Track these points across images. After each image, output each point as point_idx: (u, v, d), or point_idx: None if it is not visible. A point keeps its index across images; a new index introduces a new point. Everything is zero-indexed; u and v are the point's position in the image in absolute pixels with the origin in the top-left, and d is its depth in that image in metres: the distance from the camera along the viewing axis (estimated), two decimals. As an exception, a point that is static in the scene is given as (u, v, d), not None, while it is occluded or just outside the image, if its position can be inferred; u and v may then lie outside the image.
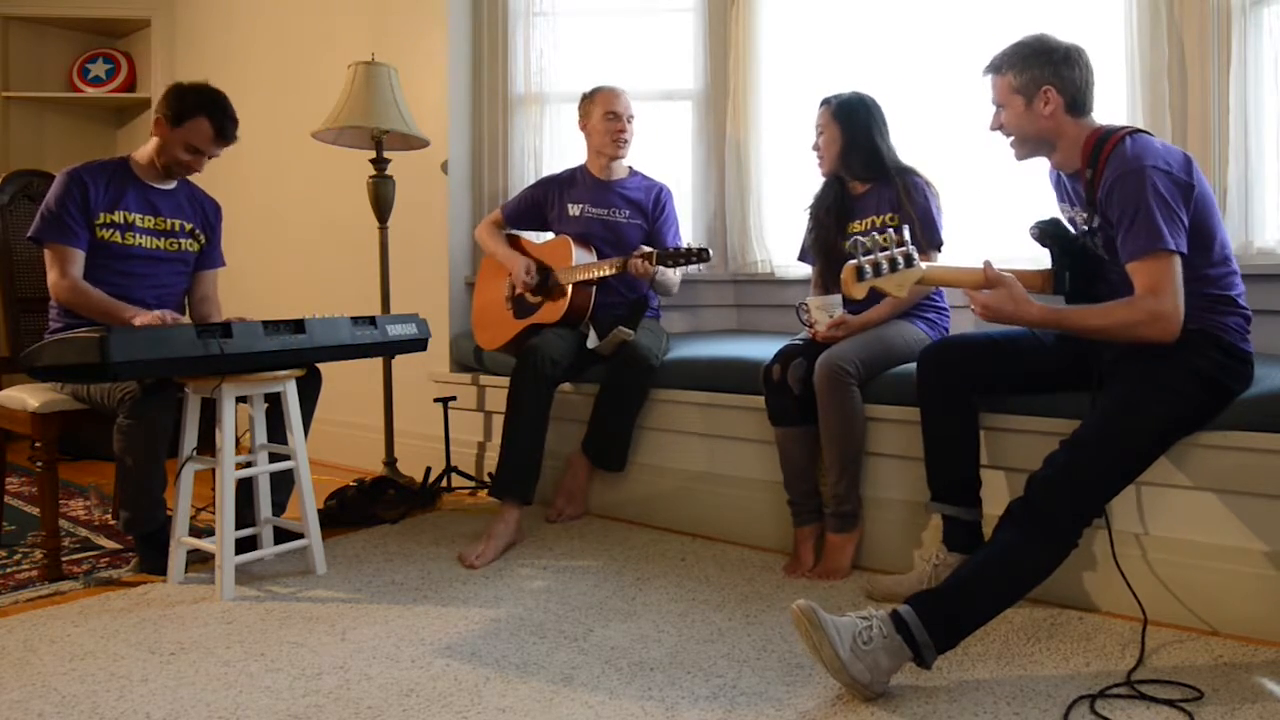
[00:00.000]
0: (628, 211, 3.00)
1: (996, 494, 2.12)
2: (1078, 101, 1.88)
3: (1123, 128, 1.86)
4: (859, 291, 1.80)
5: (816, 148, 2.55)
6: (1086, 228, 1.93)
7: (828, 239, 2.54)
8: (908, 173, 2.47)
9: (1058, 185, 2.07)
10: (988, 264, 1.81)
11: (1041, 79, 1.87)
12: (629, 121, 2.98)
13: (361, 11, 3.69)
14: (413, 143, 3.23)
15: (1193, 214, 1.77)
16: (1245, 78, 2.38)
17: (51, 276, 2.38)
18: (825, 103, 2.54)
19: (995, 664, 1.75)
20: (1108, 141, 1.83)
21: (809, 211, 2.63)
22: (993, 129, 1.99)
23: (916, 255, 1.81)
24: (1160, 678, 1.66)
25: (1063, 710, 1.56)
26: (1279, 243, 2.39)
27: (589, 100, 3.00)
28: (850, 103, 2.50)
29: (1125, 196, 1.75)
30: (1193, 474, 1.92)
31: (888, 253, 1.79)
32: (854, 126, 2.48)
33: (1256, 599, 1.84)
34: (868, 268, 1.77)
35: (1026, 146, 1.96)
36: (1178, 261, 1.73)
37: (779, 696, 1.64)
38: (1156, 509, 1.97)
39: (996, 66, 1.94)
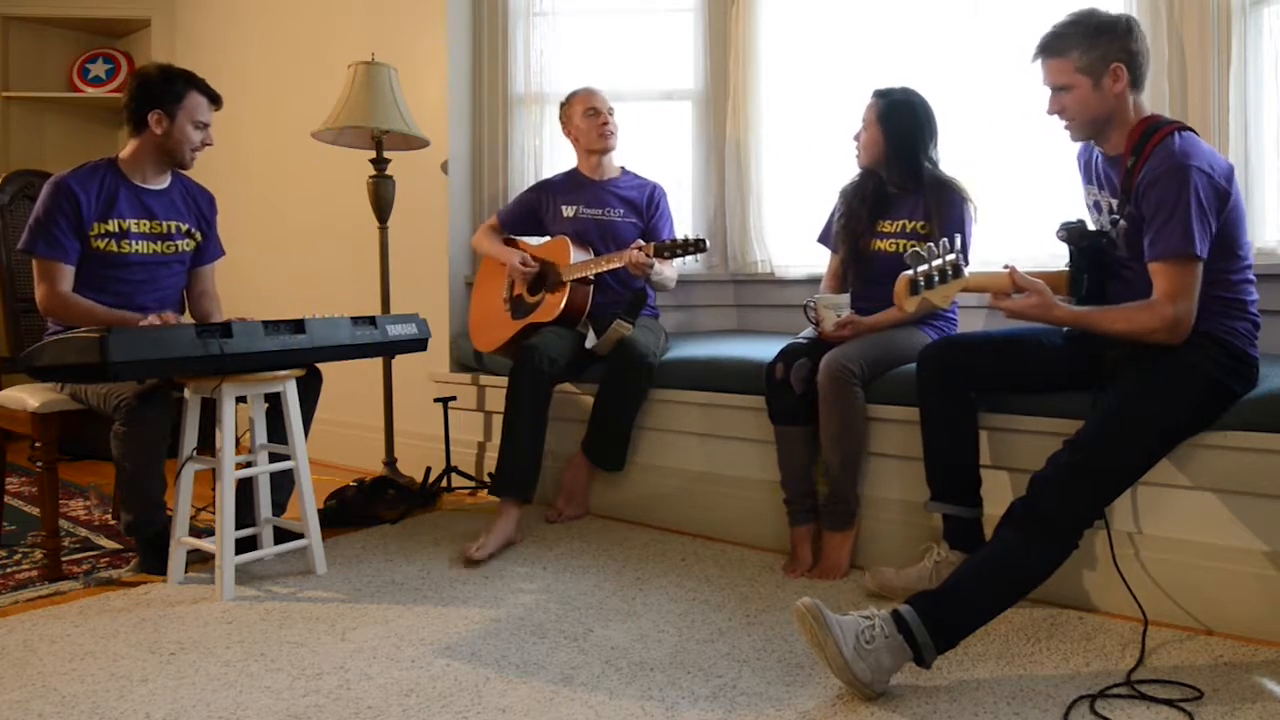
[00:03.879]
0: (622, 210, 3.01)
1: (998, 494, 2.12)
2: (1139, 77, 1.84)
3: (1173, 122, 1.83)
4: (911, 305, 1.76)
5: (857, 138, 2.51)
6: (1112, 215, 1.91)
7: (856, 229, 2.50)
8: (945, 188, 2.42)
9: (1086, 166, 2.04)
10: (1013, 269, 1.81)
11: (1111, 55, 1.81)
12: (610, 115, 2.99)
13: (361, 11, 3.69)
14: (413, 143, 3.23)
15: (1223, 222, 1.77)
16: (1245, 78, 2.39)
17: (40, 291, 2.35)
18: (878, 96, 2.46)
19: (995, 664, 1.75)
20: (1156, 133, 1.80)
21: (841, 195, 2.59)
22: (1052, 113, 1.91)
23: (963, 263, 1.78)
24: (1160, 678, 1.66)
25: (1063, 710, 1.56)
26: (1279, 243, 2.40)
27: (566, 105, 3.04)
28: (900, 108, 2.42)
29: (1164, 193, 1.73)
30: (1193, 474, 1.92)
31: (939, 262, 1.76)
32: (899, 135, 2.42)
33: (1256, 599, 1.84)
34: (921, 280, 1.75)
35: (1089, 128, 1.89)
36: (1200, 268, 1.73)
37: (779, 696, 1.64)
38: (1156, 509, 1.97)
39: (1055, 47, 1.86)
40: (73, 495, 3.24)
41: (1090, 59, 1.83)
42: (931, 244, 1.78)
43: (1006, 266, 1.83)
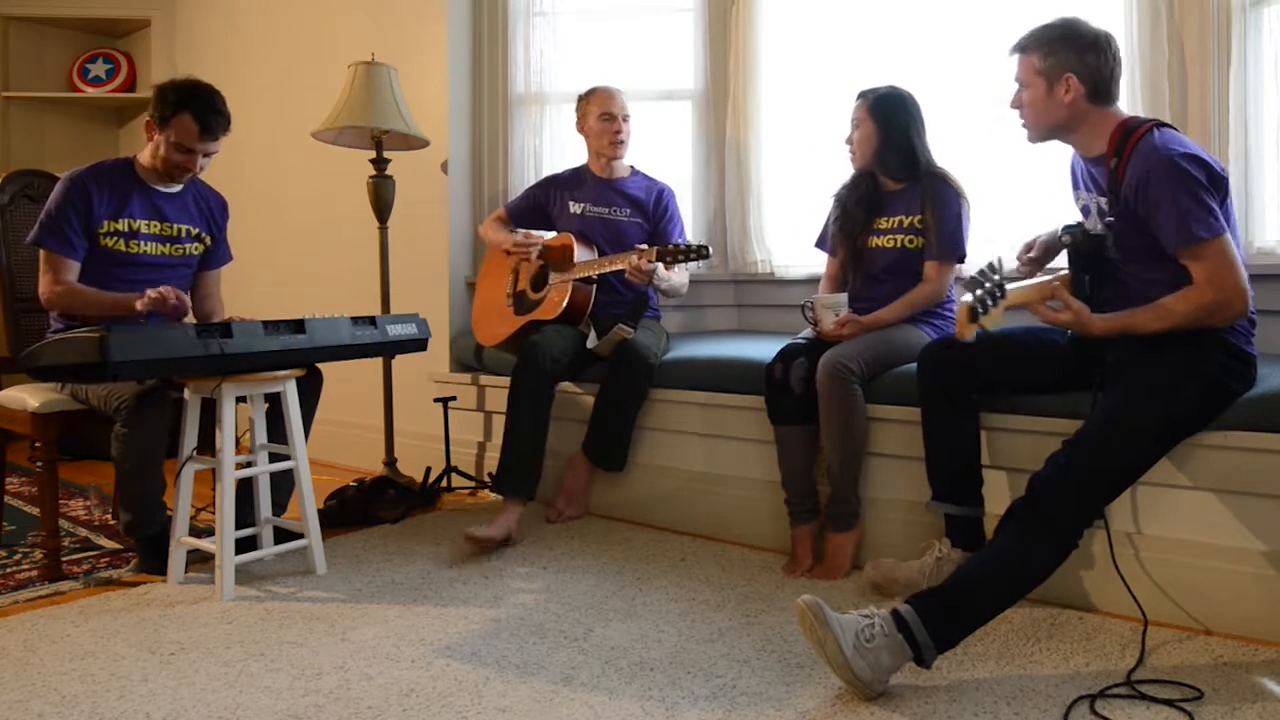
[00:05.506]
0: (629, 210, 3.00)
1: (998, 493, 2.13)
2: (1100, 90, 1.87)
3: (1150, 120, 1.85)
4: (970, 332, 1.78)
5: (849, 141, 2.51)
6: (1106, 218, 1.91)
7: (853, 230, 2.51)
8: (939, 179, 2.43)
9: (1073, 173, 2.06)
10: (1058, 287, 1.83)
11: (1065, 65, 1.85)
12: (625, 121, 2.98)
13: (361, 11, 3.69)
14: (413, 143, 3.23)
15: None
16: (1245, 78, 2.39)
17: (44, 282, 2.36)
18: (862, 96, 2.47)
19: (995, 664, 1.75)
20: (1135, 132, 1.82)
21: (835, 199, 2.59)
22: (1013, 107, 1.97)
23: (1007, 284, 1.80)
24: (1160, 678, 1.66)
25: (1063, 710, 1.56)
26: (1279, 243, 2.40)
27: (585, 102, 3.01)
28: (888, 99, 2.44)
29: (1159, 188, 1.74)
30: (1192, 474, 1.92)
31: (989, 285, 1.78)
32: (891, 124, 2.42)
33: (1256, 599, 1.84)
34: (979, 307, 1.76)
35: (1041, 130, 1.94)
36: (1226, 242, 1.72)
37: (779, 696, 1.64)
38: (1156, 509, 1.97)
39: (1023, 46, 1.92)
40: (73, 495, 3.24)
41: (1047, 64, 1.87)
42: (983, 268, 1.79)
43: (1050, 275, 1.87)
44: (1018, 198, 2.72)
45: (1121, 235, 1.86)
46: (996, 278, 1.79)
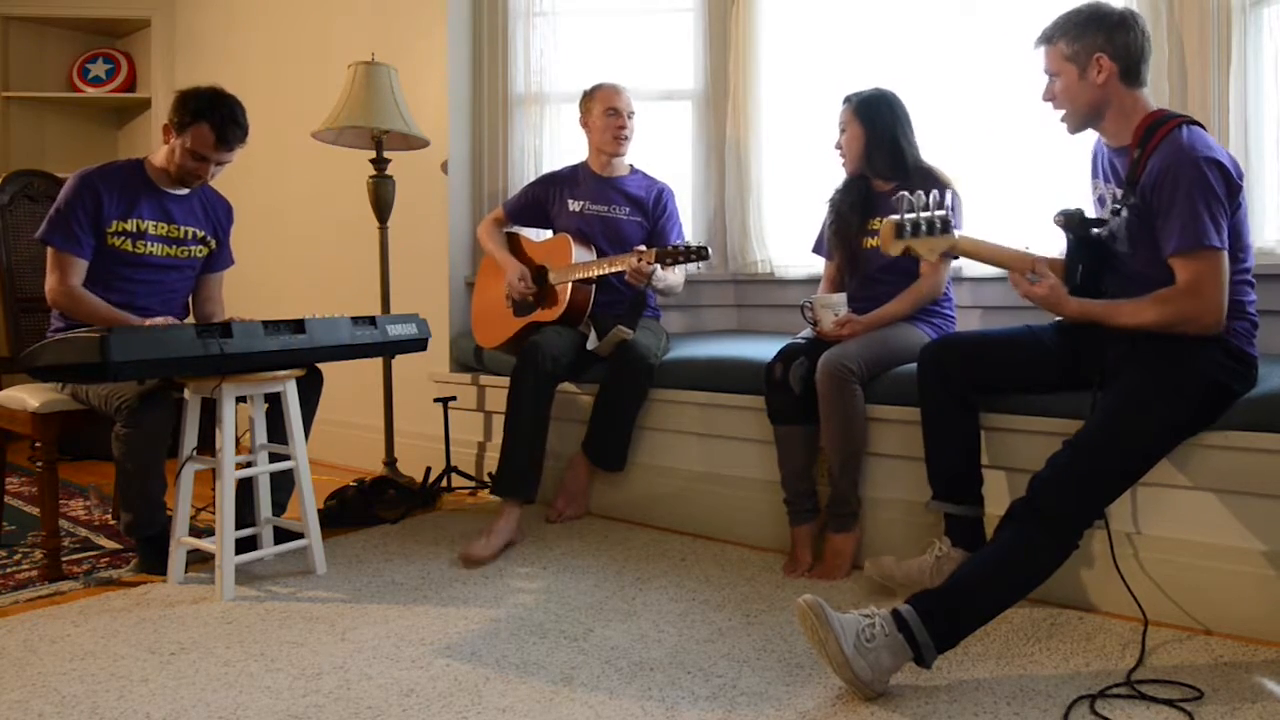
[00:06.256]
0: (628, 209, 3.00)
1: (997, 493, 2.13)
2: (1131, 70, 1.85)
3: (1180, 115, 1.84)
4: (895, 249, 1.79)
5: (839, 146, 2.52)
6: (1116, 206, 1.91)
7: (848, 233, 2.52)
8: (927, 174, 2.44)
9: (1095, 160, 2.06)
10: (1039, 260, 1.83)
11: (1094, 46, 1.84)
12: (629, 118, 2.98)
13: (361, 11, 3.69)
14: (413, 143, 3.23)
15: (1234, 220, 1.77)
16: (1245, 78, 2.38)
17: (50, 280, 2.36)
18: (847, 100, 2.50)
19: (995, 664, 1.75)
20: (1163, 126, 1.81)
21: (830, 204, 2.60)
22: (1045, 100, 1.96)
23: (954, 222, 1.81)
24: (1160, 678, 1.66)
25: (1063, 710, 1.56)
26: (1279, 243, 2.40)
27: (589, 97, 3.00)
28: (872, 100, 2.46)
29: (1176, 186, 1.73)
30: (1193, 474, 1.92)
31: (928, 214, 1.78)
32: (877, 125, 2.44)
33: (1256, 599, 1.84)
34: (908, 226, 1.76)
35: (1078, 118, 1.92)
36: (1222, 257, 1.73)
37: (779, 696, 1.64)
38: (1156, 509, 1.97)
39: (1048, 36, 1.91)
40: (73, 495, 3.24)
41: (1075, 49, 1.87)
42: (920, 192, 1.79)
43: (1027, 248, 1.85)
44: (1021, 198, 2.71)
45: (1134, 227, 1.85)
46: (942, 213, 1.79)
